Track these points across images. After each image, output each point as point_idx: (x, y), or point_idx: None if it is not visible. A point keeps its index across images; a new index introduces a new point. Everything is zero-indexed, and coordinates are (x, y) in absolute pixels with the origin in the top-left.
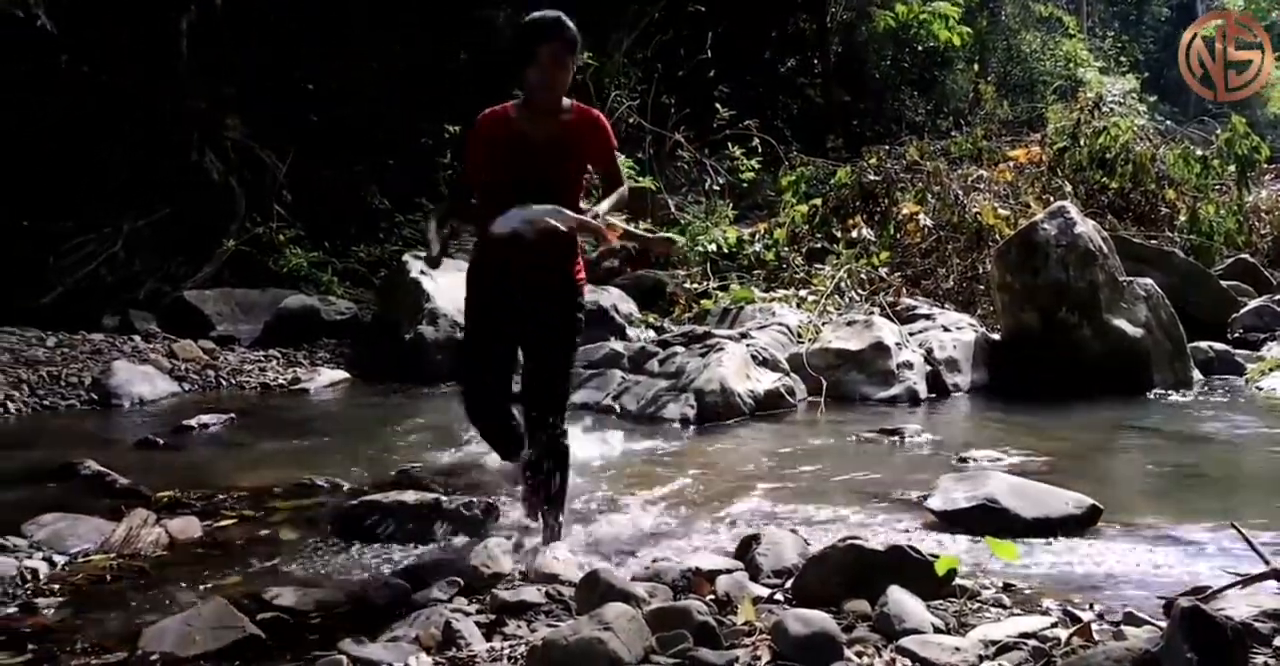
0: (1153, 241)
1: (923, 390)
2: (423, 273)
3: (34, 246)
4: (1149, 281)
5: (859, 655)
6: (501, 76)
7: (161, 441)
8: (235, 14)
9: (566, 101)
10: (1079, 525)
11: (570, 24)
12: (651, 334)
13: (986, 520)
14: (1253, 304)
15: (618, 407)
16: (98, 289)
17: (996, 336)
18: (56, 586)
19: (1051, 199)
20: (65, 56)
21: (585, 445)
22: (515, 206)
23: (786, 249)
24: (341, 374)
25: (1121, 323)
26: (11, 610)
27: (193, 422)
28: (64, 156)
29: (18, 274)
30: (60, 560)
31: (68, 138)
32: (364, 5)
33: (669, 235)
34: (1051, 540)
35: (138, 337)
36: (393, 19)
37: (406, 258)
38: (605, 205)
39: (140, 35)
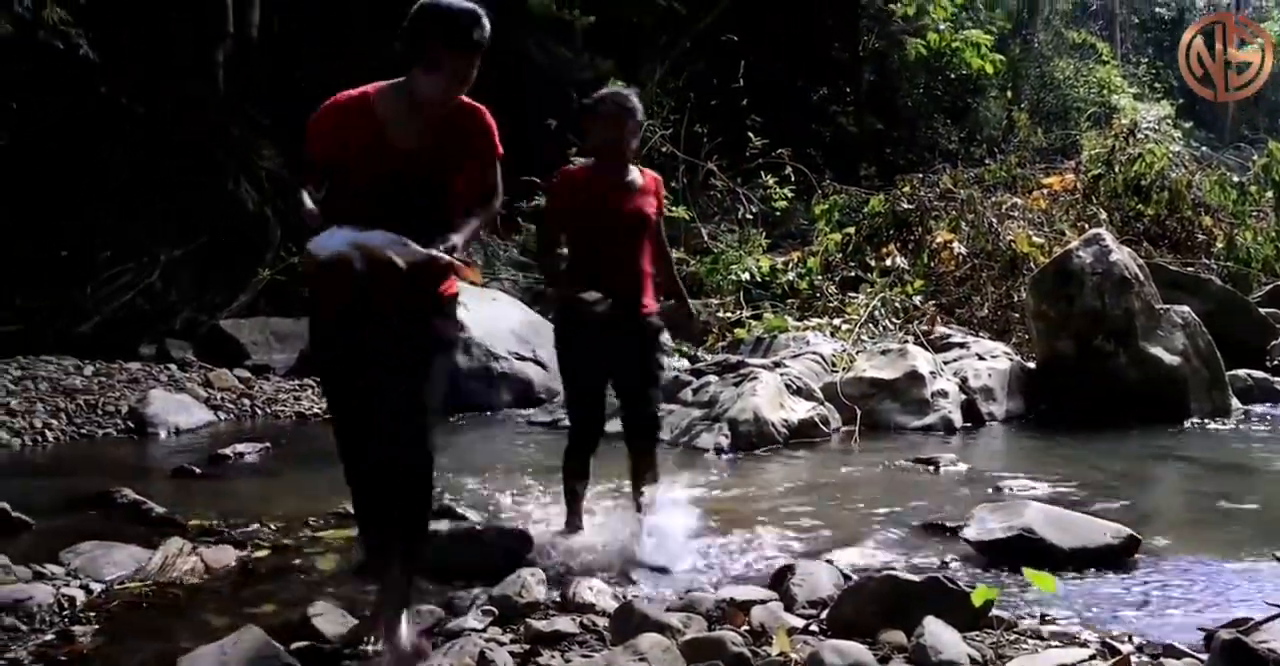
0: (1189, 269)
1: (958, 419)
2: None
3: (72, 276)
4: (1186, 309)
5: None
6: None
7: (197, 470)
8: (271, 46)
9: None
10: (1117, 556)
11: (488, 24)
12: (685, 363)
13: (1023, 550)
14: None
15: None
16: (135, 318)
17: (1032, 365)
18: (93, 614)
19: (1086, 226)
20: (104, 88)
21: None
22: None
23: (820, 277)
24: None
25: (1158, 351)
26: (49, 637)
27: (228, 451)
28: (100, 187)
29: (56, 303)
30: (97, 588)
31: (104, 169)
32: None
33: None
34: (1089, 571)
35: (174, 366)
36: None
37: None
38: (461, 236)
39: (178, 66)
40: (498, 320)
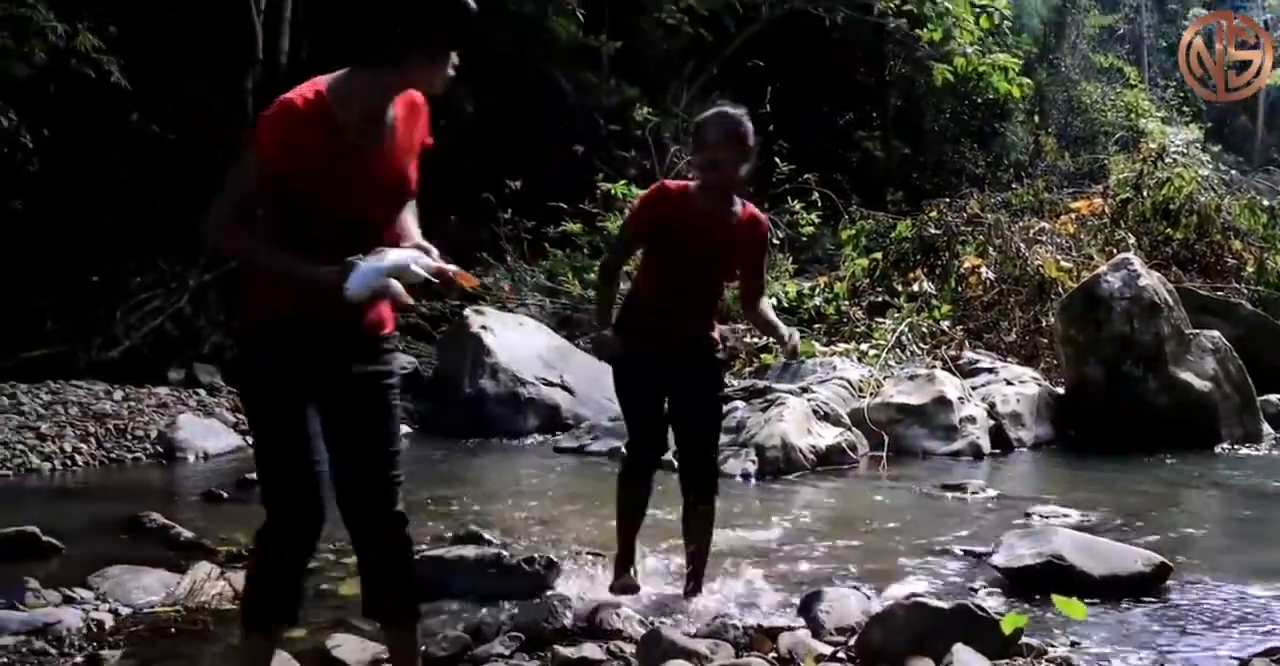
0: (1219, 293)
1: (986, 444)
2: (484, 328)
3: (103, 302)
4: (1216, 334)
5: None
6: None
7: (225, 494)
8: (299, 73)
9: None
10: (1149, 583)
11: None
12: None
13: (1053, 577)
14: None
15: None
16: (164, 343)
17: (1060, 390)
18: (122, 638)
19: (1115, 251)
20: (136, 115)
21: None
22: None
23: (847, 303)
24: (403, 429)
25: (1188, 376)
26: (78, 661)
27: (256, 476)
28: (130, 213)
29: (87, 329)
30: (125, 612)
31: (134, 194)
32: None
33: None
34: (1121, 598)
35: (203, 391)
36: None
37: (467, 312)
38: (413, 227)
39: (208, 94)
40: (524, 345)
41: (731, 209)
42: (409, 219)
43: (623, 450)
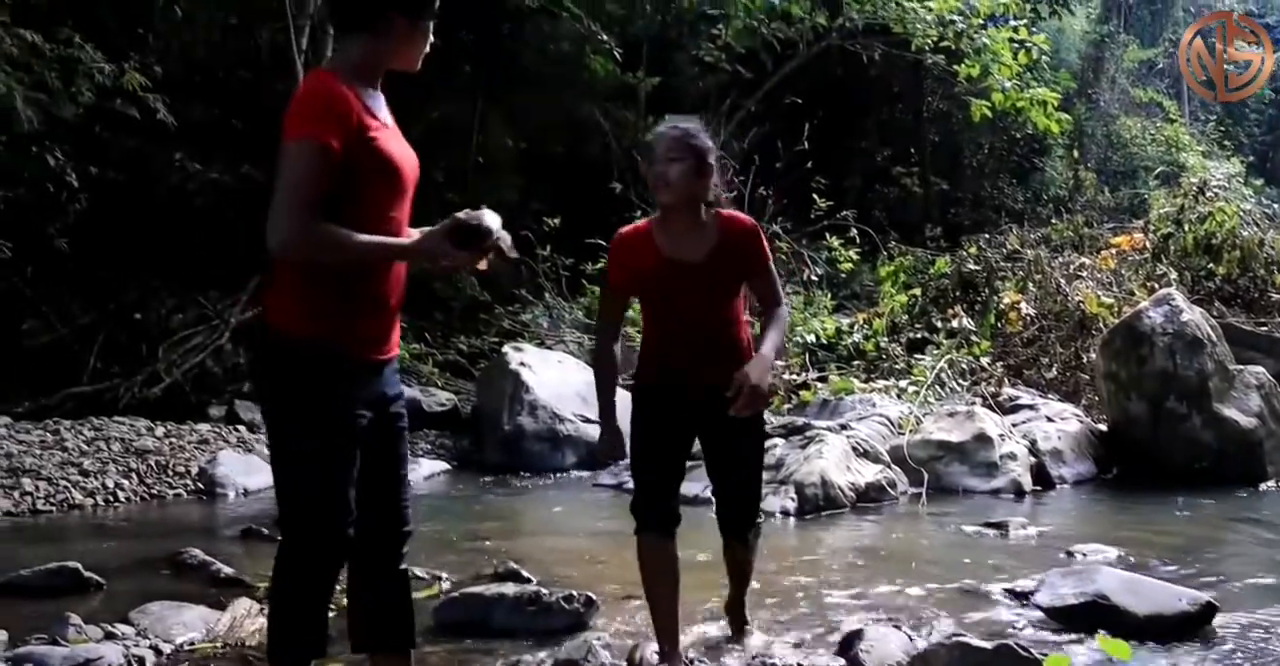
0: (1263, 328)
1: (1027, 482)
2: (522, 364)
3: (145, 339)
4: (1261, 369)
5: None
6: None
7: (265, 531)
8: None
9: None
10: (1194, 623)
11: None
12: None
13: (1096, 616)
14: None
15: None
16: (205, 380)
17: (1102, 427)
18: None
19: (1156, 286)
20: (180, 154)
21: (685, 538)
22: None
23: (886, 339)
24: (442, 465)
25: (1233, 412)
26: None
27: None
28: (172, 250)
29: (129, 366)
30: (166, 648)
31: (174, 231)
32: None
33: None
34: (1165, 638)
35: (243, 428)
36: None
37: (506, 349)
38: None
39: (244, 132)
40: (563, 382)
41: (701, 227)
42: None
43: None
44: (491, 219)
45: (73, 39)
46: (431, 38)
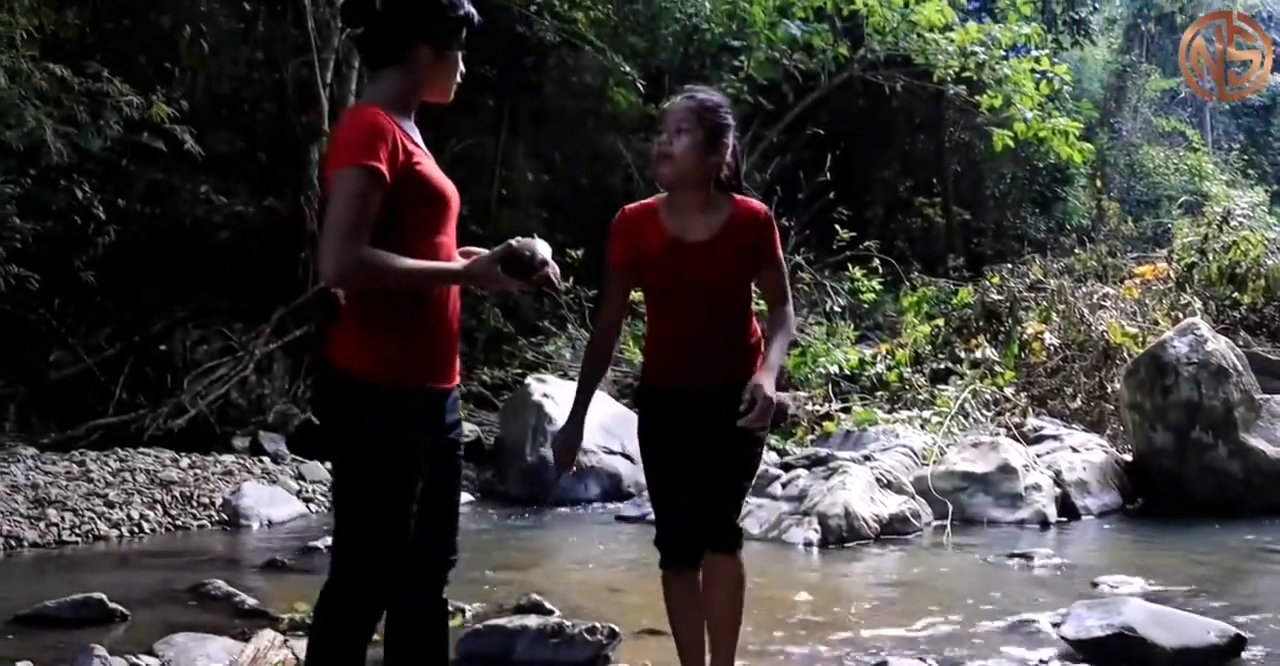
0: None
1: (1052, 513)
2: (545, 396)
3: (170, 370)
4: None
5: None
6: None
7: (289, 562)
8: None
9: None
10: (1223, 656)
11: None
12: (774, 456)
13: (1123, 649)
14: None
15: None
16: (229, 411)
17: (1128, 457)
18: None
19: (1180, 316)
20: (205, 187)
21: None
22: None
23: (909, 370)
24: (465, 496)
25: (1259, 442)
26: None
27: (319, 544)
28: (197, 282)
29: (154, 397)
30: None
31: (199, 262)
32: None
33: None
34: None
35: (267, 459)
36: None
37: (529, 380)
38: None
39: (269, 165)
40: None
41: (710, 207)
42: None
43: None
44: (543, 248)
45: (101, 73)
46: (463, 68)
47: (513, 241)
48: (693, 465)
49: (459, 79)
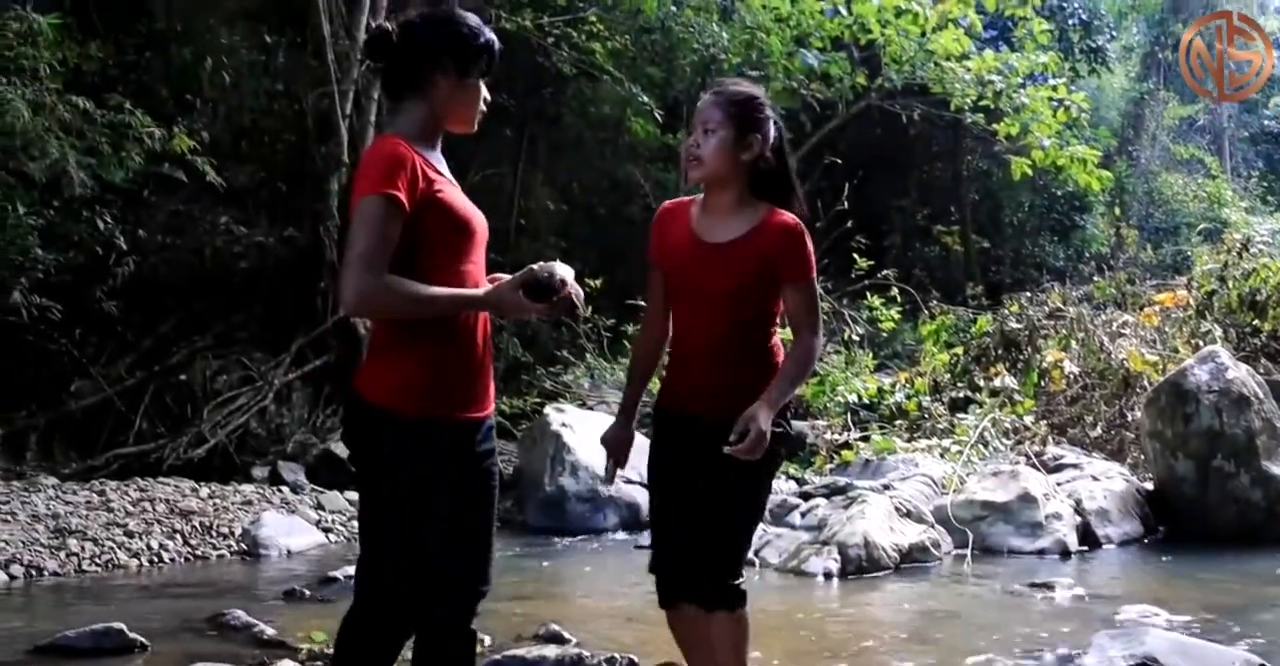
0: None
1: (1073, 542)
2: (564, 425)
3: (190, 400)
4: None
5: None
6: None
7: (308, 592)
8: None
9: None
10: None
11: None
12: (793, 485)
13: None
14: None
15: (758, 561)
16: (249, 441)
17: (1149, 486)
18: None
19: (1201, 343)
20: (225, 217)
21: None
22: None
23: (928, 398)
24: None
25: None
26: None
27: (339, 574)
28: (215, 311)
29: (174, 427)
30: None
31: (220, 292)
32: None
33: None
34: None
35: (286, 489)
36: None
37: (548, 410)
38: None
39: (289, 196)
40: None
41: (742, 212)
42: None
43: None
44: (565, 271)
45: (123, 105)
46: (486, 96)
47: (534, 266)
48: (689, 504)
49: (483, 108)
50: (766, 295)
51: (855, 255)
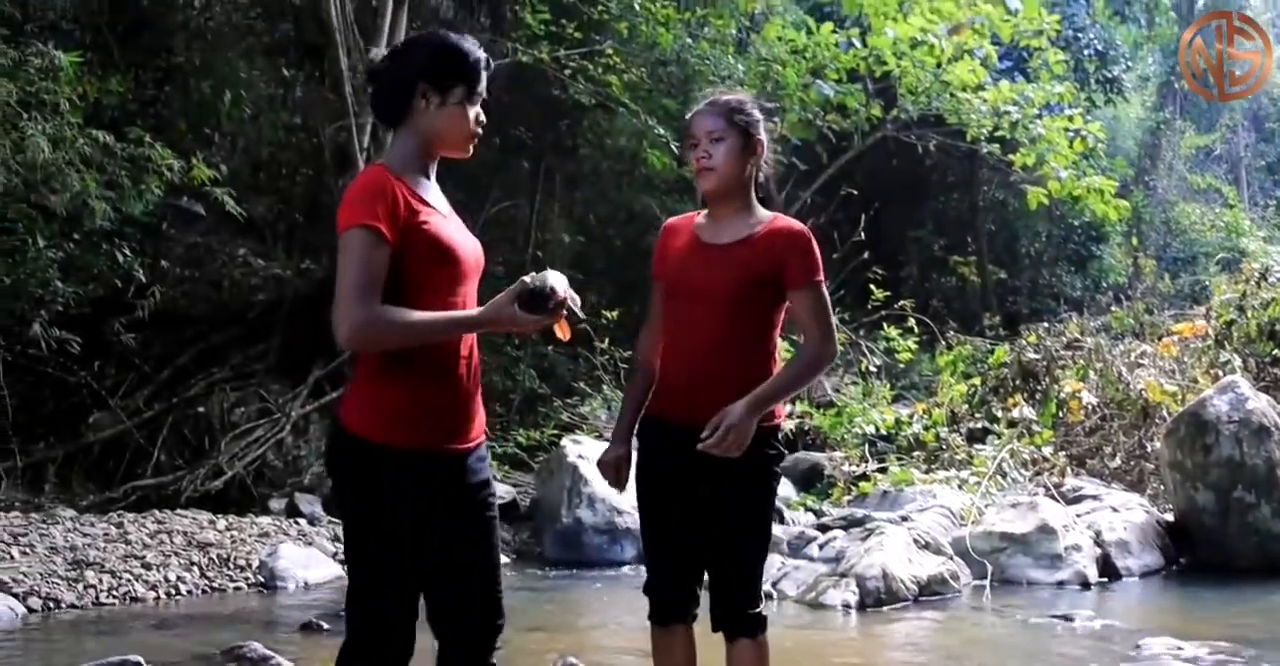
0: None
1: (1093, 574)
2: (581, 457)
3: (207, 432)
4: None
5: None
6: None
7: (325, 625)
8: None
9: None
10: None
11: None
12: (811, 517)
13: None
14: None
15: (776, 593)
16: (266, 473)
17: (1168, 517)
18: None
19: (1220, 374)
20: (243, 250)
21: None
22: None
23: (946, 429)
24: (501, 558)
25: None
26: None
27: (350, 604)
28: (233, 343)
29: (192, 459)
30: None
31: (237, 324)
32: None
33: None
34: None
35: (303, 521)
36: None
37: (564, 442)
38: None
39: (306, 228)
40: None
41: (745, 217)
42: None
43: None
44: (556, 279)
45: (143, 138)
46: (481, 119)
47: (526, 277)
48: (688, 517)
49: (477, 131)
50: (768, 303)
51: (872, 286)
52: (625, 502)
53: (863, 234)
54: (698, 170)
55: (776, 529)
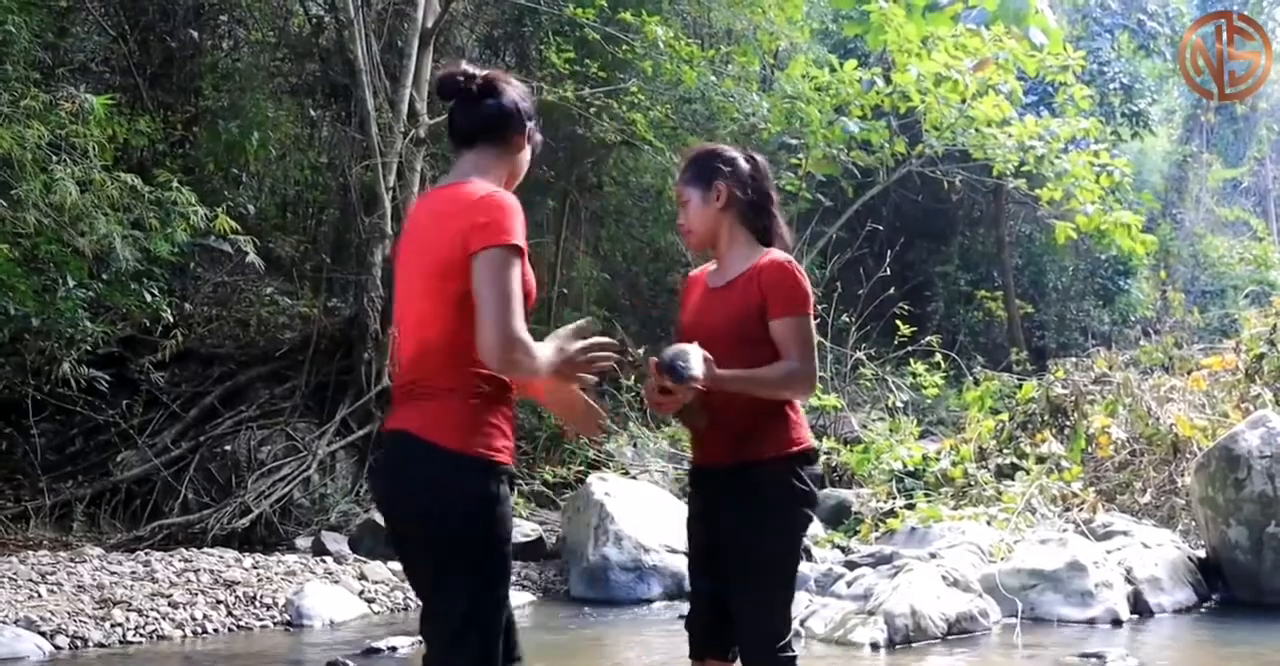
0: None
1: (1124, 611)
2: (607, 494)
3: (234, 471)
4: None
5: None
6: None
7: (351, 664)
8: None
9: None
10: None
11: None
12: (838, 554)
13: None
14: None
15: (804, 631)
16: (292, 511)
17: (1201, 553)
18: None
19: (1251, 408)
20: (270, 288)
21: None
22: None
23: (974, 465)
24: (527, 596)
25: None
26: None
27: (382, 645)
28: (259, 381)
29: (219, 497)
30: None
31: (263, 364)
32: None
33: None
34: None
35: (329, 559)
36: (593, 246)
37: (591, 479)
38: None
39: (336, 266)
40: (648, 512)
41: (736, 256)
42: None
43: None
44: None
45: (170, 181)
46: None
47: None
48: (713, 554)
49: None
50: (761, 336)
51: (898, 321)
52: (651, 540)
53: (888, 269)
54: (682, 234)
55: (804, 566)
